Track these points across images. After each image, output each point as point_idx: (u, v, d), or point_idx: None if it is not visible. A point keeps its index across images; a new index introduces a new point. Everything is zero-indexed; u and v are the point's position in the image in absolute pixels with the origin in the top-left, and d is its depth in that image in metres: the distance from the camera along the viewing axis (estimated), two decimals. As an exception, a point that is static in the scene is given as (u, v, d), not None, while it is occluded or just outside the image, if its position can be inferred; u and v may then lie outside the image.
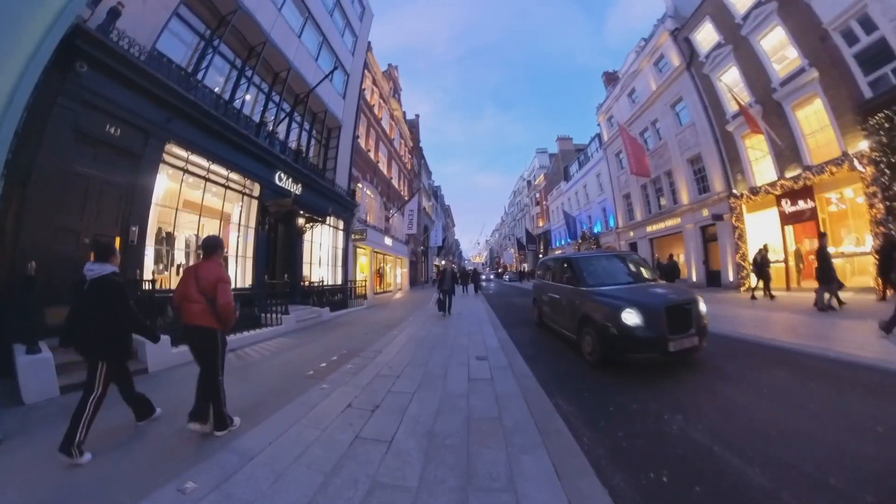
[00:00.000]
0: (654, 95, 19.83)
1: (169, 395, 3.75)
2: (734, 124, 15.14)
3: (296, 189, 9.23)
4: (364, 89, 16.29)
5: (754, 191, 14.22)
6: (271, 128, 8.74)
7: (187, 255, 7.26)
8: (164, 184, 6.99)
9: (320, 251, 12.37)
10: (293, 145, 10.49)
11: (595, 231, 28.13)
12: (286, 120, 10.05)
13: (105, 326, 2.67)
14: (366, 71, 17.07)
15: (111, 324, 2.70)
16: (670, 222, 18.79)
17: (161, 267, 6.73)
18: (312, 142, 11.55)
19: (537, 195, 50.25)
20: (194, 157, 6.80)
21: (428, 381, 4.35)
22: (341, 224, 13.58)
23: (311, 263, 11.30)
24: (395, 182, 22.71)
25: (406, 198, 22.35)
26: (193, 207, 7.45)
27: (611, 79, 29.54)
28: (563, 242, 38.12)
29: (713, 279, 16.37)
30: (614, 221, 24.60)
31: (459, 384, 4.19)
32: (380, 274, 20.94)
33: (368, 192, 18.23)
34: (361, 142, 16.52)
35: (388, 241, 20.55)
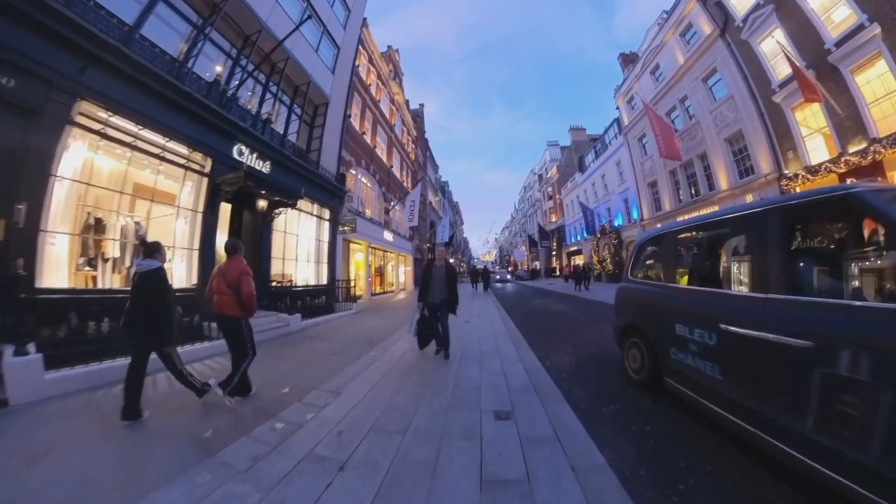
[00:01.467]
0: (681, 70, 18.02)
1: (34, 438, 2.70)
2: (782, 94, 13.30)
3: (263, 167, 7.74)
4: (358, 66, 14.84)
5: (812, 170, 12.36)
6: (231, 91, 7.26)
7: (123, 247, 5.87)
8: (103, 162, 5.62)
9: (300, 245, 10.70)
10: (267, 118, 9.04)
11: (616, 224, 26.26)
12: (259, 89, 8.60)
13: (149, 313, 3.12)
14: (361, 48, 15.63)
15: (155, 311, 3.14)
16: (705, 211, 16.90)
17: (84, 261, 5.34)
18: (294, 119, 10.00)
19: (550, 189, 48.40)
20: (119, 120, 5.37)
21: (398, 482, 2.14)
22: (327, 213, 11.81)
23: (286, 259, 9.78)
24: (396, 172, 21.10)
25: (409, 190, 20.73)
26: (139, 190, 6.08)
27: (628, 60, 27.70)
28: (578, 238, 36.29)
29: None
30: (638, 213, 22.75)
31: (461, 497, 1.99)
32: (379, 273, 19.49)
33: (364, 179, 16.61)
34: (355, 123, 14.95)
35: (387, 235, 18.97)
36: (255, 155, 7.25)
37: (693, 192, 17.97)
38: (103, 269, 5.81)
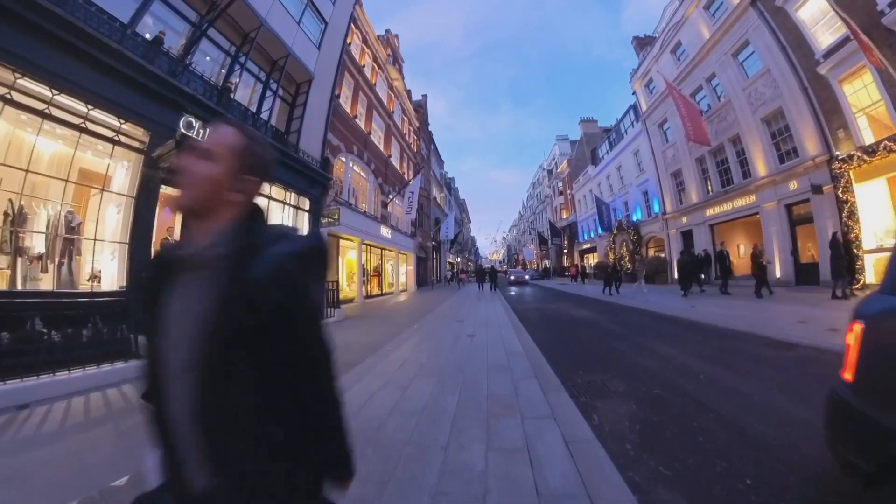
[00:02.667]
0: (707, 45, 16.55)
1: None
2: (828, 64, 11.82)
3: None
4: (349, 44, 13.65)
5: (869, 150, 10.86)
6: (181, 54, 6.07)
7: (52, 242, 4.79)
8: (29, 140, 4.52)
9: None
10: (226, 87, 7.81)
11: (634, 219, 24.77)
12: (222, 58, 7.42)
13: None
14: (354, 27, 14.47)
15: None
16: (740, 202, 15.43)
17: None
18: (269, 96, 8.79)
19: (560, 184, 46.93)
20: (27, 83, 4.23)
21: None
22: (307, 203, 10.35)
23: None
24: (395, 163, 19.70)
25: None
26: (58, 169, 4.96)
27: (643, 44, 26.29)
28: (592, 235, 34.80)
29: (806, 275, 12.98)
30: (659, 206, 21.26)
31: None
32: (377, 273, 18.30)
33: (356, 168, 15.28)
34: (346, 105, 13.68)
35: (385, 231, 17.62)
36: (209, 130, 5.98)
37: (725, 180, 16.47)
38: (26, 267, 4.73)
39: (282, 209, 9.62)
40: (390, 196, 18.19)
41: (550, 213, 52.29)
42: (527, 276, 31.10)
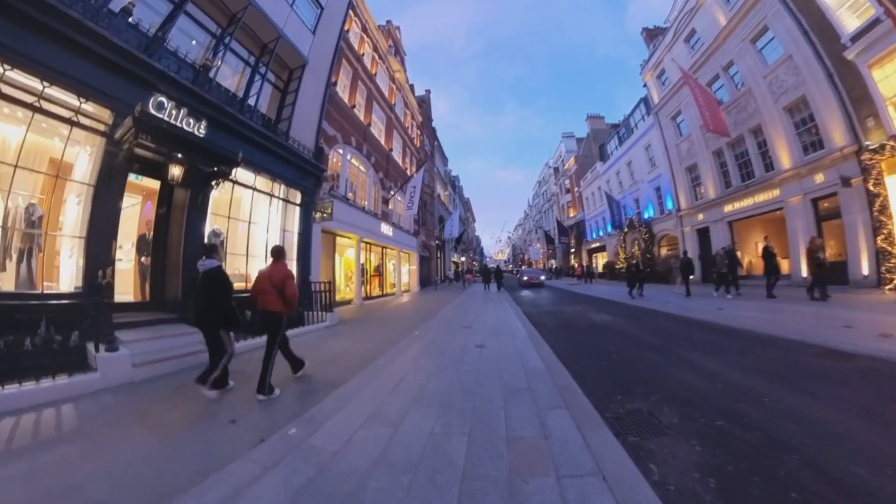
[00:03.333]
0: (724, 32, 15.92)
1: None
2: (856, 49, 11.16)
3: (196, 127, 5.67)
4: (348, 31, 13.18)
5: (905, 139, 10.26)
6: (157, 32, 5.59)
7: (10, 237, 4.36)
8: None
9: (260, 236, 8.71)
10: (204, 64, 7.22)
11: (646, 217, 24.11)
12: (204, 38, 6.92)
13: (212, 305, 3.85)
14: (353, 14, 14.03)
15: (218, 303, 3.86)
16: (762, 196, 14.76)
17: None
18: (258, 80, 8.26)
19: (567, 182, 46.30)
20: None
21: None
22: (297, 196, 9.78)
23: (247, 255, 8.23)
24: (397, 157, 19.06)
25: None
26: (29, 159, 4.52)
27: (652, 35, 25.67)
28: (601, 233, 34.14)
29: (834, 274, 12.31)
30: (673, 203, 20.59)
31: None
32: (378, 272, 17.79)
33: (355, 161, 14.68)
34: (343, 95, 13.18)
35: (385, 228, 17.02)
36: (183, 111, 5.36)
37: (745, 174, 15.81)
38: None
39: (268, 202, 9.00)
40: (392, 192, 17.64)
41: (557, 212, 51.64)
42: (542, 277, 24.98)
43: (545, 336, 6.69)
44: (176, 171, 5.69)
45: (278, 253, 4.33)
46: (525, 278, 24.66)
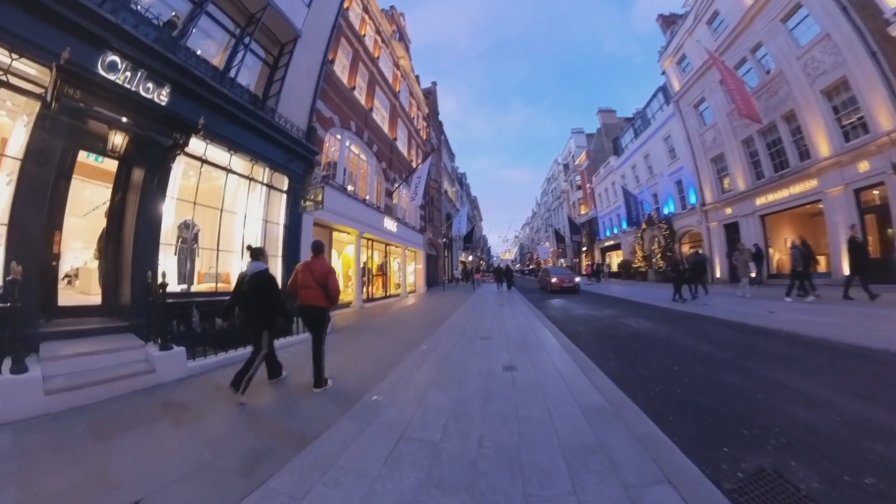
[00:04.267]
0: (751, 12, 15.09)
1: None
2: (907, 23, 10.40)
3: (159, 95, 4.95)
4: (347, 8, 12.49)
5: (967, 120, 9.43)
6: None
7: None
8: None
9: (238, 228, 7.63)
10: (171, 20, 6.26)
11: (665, 212, 23.25)
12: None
13: (263, 306, 4.02)
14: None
15: (267, 304, 4.04)
16: (798, 188, 13.91)
17: None
18: (242, 51, 7.37)
19: (578, 178, 45.43)
20: None
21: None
22: (285, 182, 8.61)
23: (224, 251, 7.31)
24: (402, 148, 18.21)
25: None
26: None
27: (669, 22, 24.86)
28: (615, 231, 33.29)
29: (880, 272, 11.45)
30: (696, 197, 19.73)
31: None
32: (381, 272, 17.12)
33: (354, 148, 13.78)
34: (342, 76, 12.38)
35: (389, 223, 16.16)
36: (141, 74, 4.72)
37: (778, 164, 14.96)
38: None
39: (247, 188, 7.80)
40: (396, 184, 16.82)
41: (568, 209, 50.80)
42: (577, 279, 18.90)
43: (585, 350, 5.62)
44: (117, 140, 4.67)
45: (317, 248, 4.51)
46: (553, 280, 18.07)
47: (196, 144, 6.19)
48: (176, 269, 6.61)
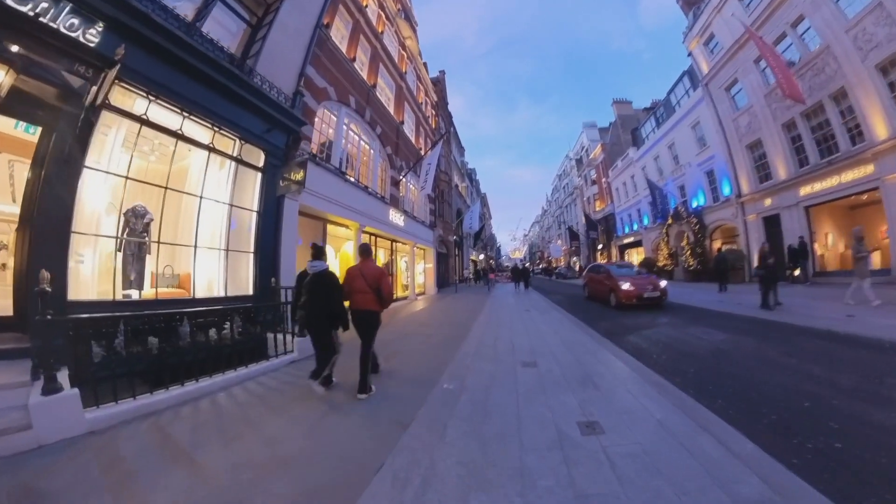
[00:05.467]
0: (792, -17, 14.27)
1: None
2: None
3: (83, 33, 3.96)
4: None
5: None
6: None
7: None
8: None
9: (202, 215, 6.24)
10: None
11: (694, 206, 22.29)
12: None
13: (327, 306, 4.21)
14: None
15: (330, 304, 4.23)
16: (850, 175, 12.95)
17: None
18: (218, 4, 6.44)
19: (593, 173, 44.51)
20: None
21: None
22: (261, 158, 7.22)
23: (183, 246, 6.25)
24: (409, 133, 17.26)
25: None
26: None
27: (690, 3, 24.02)
28: (635, 227, 32.36)
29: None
30: (731, 188, 18.78)
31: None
32: (388, 271, 16.29)
33: (354, 128, 12.66)
34: (340, 44, 11.36)
35: (395, 216, 15.05)
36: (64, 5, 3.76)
37: (825, 148, 14.03)
38: None
39: (205, 160, 6.30)
40: (403, 173, 15.78)
41: (582, 205, 49.89)
42: (663, 284, 11.74)
43: (670, 378, 4.33)
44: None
45: (366, 251, 4.68)
46: (625, 286, 11.26)
47: (140, 103, 5.12)
48: (120, 270, 5.36)
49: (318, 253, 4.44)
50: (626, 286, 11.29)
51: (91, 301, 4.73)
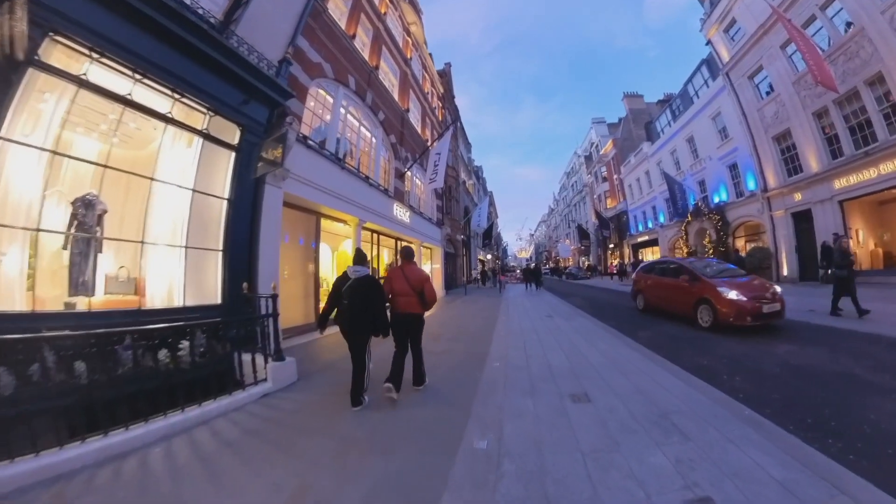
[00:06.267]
0: (822, -37, 13.73)
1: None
2: None
3: None
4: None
5: None
6: None
7: None
8: None
9: (158, 204, 5.31)
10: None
11: (716, 202, 21.67)
12: None
13: (368, 311, 4.16)
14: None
15: (372, 309, 4.18)
16: (891, 166, 12.44)
17: None
18: None
19: (604, 170, 43.92)
20: None
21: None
22: (235, 134, 6.22)
23: (136, 242, 5.12)
24: (415, 123, 16.60)
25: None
26: None
27: (709, -12, 23.52)
28: (650, 225, 31.79)
29: None
30: (757, 181, 18.18)
31: None
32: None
33: (354, 111, 11.51)
34: (340, 20, 10.49)
35: (400, 212, 14.22)
36: None
37: (861, 138, 13.44)
38: None
39: (160, 133, 5.31)
40: (409, 165, 15.01)
41: (592, 203, 49.31)
42: (779, 290, 7.89)
43: (779, 421, 3.30)
44: None
45: (409, 254, 4.75)
46: (735, 297, 7.51)
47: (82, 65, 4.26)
48: (67, 273, 4.45)
49: (361, 258, 4.48)
50: (732, 295, 7.55)
51: (8, 313, 3.81)
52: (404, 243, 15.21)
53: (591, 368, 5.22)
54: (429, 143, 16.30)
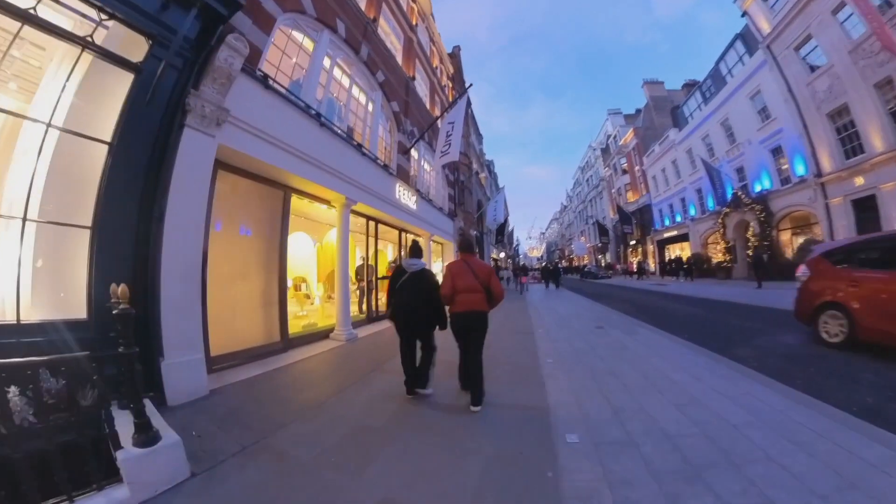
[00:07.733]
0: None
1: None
2: None
3: None
4: None
5: None
6: None
7: None
8: None
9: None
10: None
11: (757, 190, 20.42)
12: None
13: (428, 305, 4.19)
14: None
15: (429, 302, 4.19)
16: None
17: None
18: None
19: (624, 161, 42.74)
20: None
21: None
22: (142, 49, 3.97)
23: None
24: (422, 94, 15.04)
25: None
26: None
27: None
28: (678, 219, 30.62)
29: None
30: (806, 166, 16.97)
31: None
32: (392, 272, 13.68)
33: (342, 64, 9.19)
34: None
35: (405, 195, 11.95)
36: None
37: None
38: None
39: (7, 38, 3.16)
40: (414, 140, 12.83)
41: (610, 198, 48.19)
42: None
43: None
44: None
45: (470, 245, 4.48)
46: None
47: None
48: None
49: (417, 251, 4.53)
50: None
51: None
52: (411, 236, 13.62)
53: (742, 439, 2.97)
54: (438, 123, 14.46)
